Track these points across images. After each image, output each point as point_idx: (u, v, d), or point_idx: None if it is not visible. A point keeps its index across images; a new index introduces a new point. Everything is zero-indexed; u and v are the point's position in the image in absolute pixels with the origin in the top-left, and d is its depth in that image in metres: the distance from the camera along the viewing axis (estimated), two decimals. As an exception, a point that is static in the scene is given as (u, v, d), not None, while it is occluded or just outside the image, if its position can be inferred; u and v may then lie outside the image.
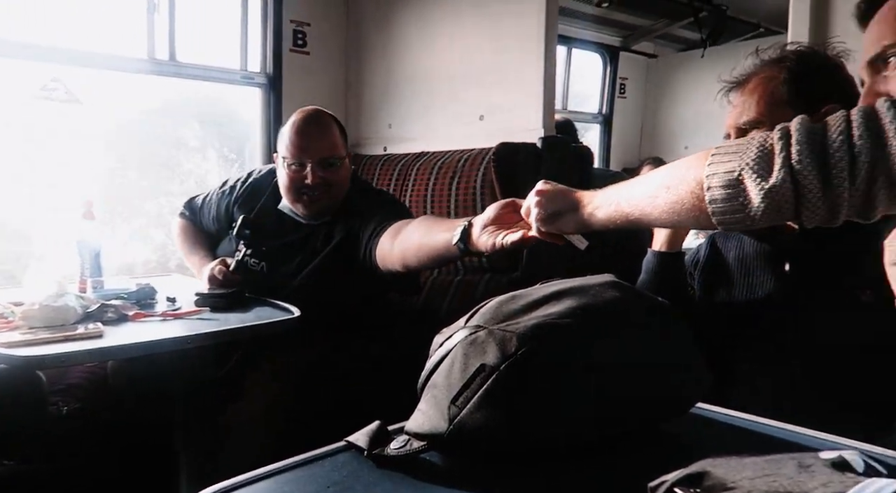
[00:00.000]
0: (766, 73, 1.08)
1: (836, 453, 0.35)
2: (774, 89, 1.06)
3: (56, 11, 2.09)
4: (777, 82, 1.06)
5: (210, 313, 1.49)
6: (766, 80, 1.07)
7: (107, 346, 1.21)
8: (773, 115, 1.04)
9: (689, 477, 0.36)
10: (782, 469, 0.33)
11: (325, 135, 1.65)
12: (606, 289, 0.68)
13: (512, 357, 0.59)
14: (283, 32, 2.47)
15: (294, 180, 1.65)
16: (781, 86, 1.05)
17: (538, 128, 1.93)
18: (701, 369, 0.70)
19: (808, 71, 1.06)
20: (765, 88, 1.07)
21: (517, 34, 2.03)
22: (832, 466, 0.33)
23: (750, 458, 0.36)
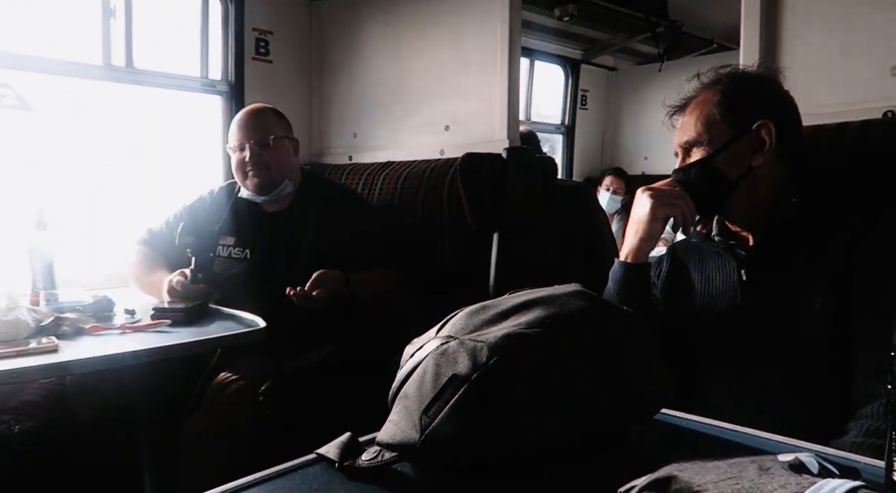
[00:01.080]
0: (702, 96, 1.16)
1: (792, 455, 0.36)
2: (710, 111, 1.13)
3: (8, 15, 2.03)
4: (712, 104, 1.14)
5: (172, 327, 1.46)
6: (703, 102, 1.15)
7: (62, 361, 1.17)
8: (709, 134, 1.13)
9: (657, 482, 0.37)
10: (744, 473, 0.34)
11: (259, 121, 1.87)
12: (573, 298, 0.70)
13: (483, 367, 0.59)
14: (246, 40, 2.45)
15: (239, 162, 1.86)
16: (715, 107, 1.13)
17: (503, 139, 1.95)
18: (664, 376, 0.72)
19: (740, 92, 1.13)
20: (701, 111, 1.14)
21: (481, 46, 2.06)
22: (790, 468, 0.35)
23: (713, 462, 0.37)
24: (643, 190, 1.16)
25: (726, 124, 1.11)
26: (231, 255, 1.86)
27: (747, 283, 1.11)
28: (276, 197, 1.88)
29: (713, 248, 1.19)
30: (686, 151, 1.18)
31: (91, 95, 2.25)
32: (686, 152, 1.18)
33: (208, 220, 1.90)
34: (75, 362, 1.19)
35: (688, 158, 1.17)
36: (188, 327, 1.49)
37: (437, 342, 0.65)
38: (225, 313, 1.63)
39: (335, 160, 2.54)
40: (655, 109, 4.09)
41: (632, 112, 4.19)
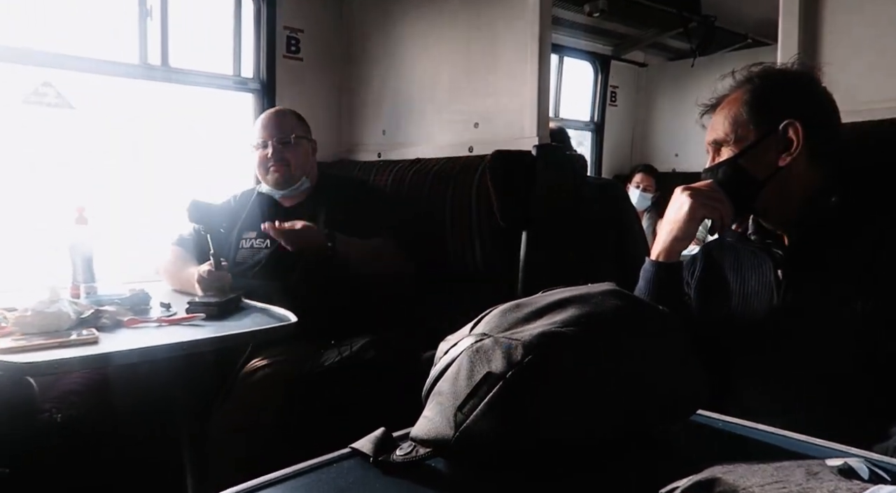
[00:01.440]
0: (733, 95, 1.15)
1: (841, 460, 0.36)
2: (738, 110, 1.12)
3: (48, 15, 2.08)
4: (740, 103, 1.13)
5: (206, 320, 1.49)
6: (732, 101, 1.14)
7: (102, 352, 1.20)
8: (736, 133, 1.12)
9: (700, 484, 0.37)
10: (791, 476, 0.34)
11: (280, 121, 2.01)
12: (608, 298, 0.69)
13: (518, 365, 0.59)
14: (277, 39, 2.48)
15: (261, 158, 2.00)
16: (743, 107, 1.12)
17: (533, 136, 1.94)
18: (700, 377, 0.71)
19: (769, 90, 1.12)
20: (730, 109, 1.14)
21: (511, 43, 2.05)
22: (839, 473, 0.34)
23: (758, 465, 0.37)
24: (682, 189, 1.15)
25: (753, 124, 1.10)
26: (253, 246, 2.00)
27: (784, 283, 1.09)
28: (294, 192, 2.02)
29: (749, 247, 1.17)
30: (716, 150, 1.17)
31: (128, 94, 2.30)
32: (716, 151, 1.17)
33: (233, 219, 2.05)
34: (114, 354, 1.23)
35: (717, 156, 1.16)
36: (221, 320, 1.52)
37: (472, 340, 0.65)
38: (257, 307, 1.66)
39: (364, 157, 2.56)
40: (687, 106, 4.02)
41: (663, 109, 4.13)
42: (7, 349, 1.17)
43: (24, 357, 1.14)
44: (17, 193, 2.09)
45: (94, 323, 1.40)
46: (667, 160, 4.07)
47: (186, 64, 2.31)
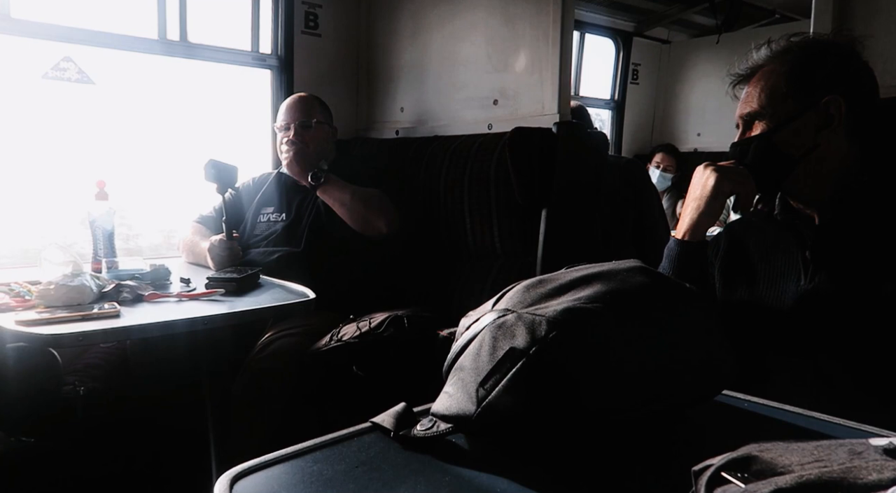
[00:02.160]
0: (770, 67, 1.10)
1: (886, 440, 0.34)
2: (776, 82, 1.07)
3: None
4: (778, 75, 1.08)
5: (224, 296, 1.50)
6: (769, 73, 1.09)
7: (124, 325, 1.22)
8: (773, 107, 1.07)
9: (736, 461, 0.36)
10: (833, 455, 0.33)
11: (302, 105, 2.13)
12: (634, 274, 0.68)
13: (541, 341, 0.58)
14: (295, 14, 2.45)
15: (283, 140, 2.09)
16: (782, 79, 1.07)
17: (553, 113, 1.91)
18: (728, 352, 0.70)
19: (810, 63, 1.07)
20: (766, 81, 1.09)
21: (533, 17, 2.00)
22: (884, 452, 0.33)
23: (796, 444, 0.36)
24: (705, 165, 1.11)
25: (792, 98, 1.05)
26: (269, 219, 2.09)
27: (812, 264, 1.06)
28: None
29: (775, 227, 1.15)
30: (747, 124, 1.12)
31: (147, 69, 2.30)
32: (747, 125, 1.12)
33: (251, 196, 2.16)
34: (135, 328, 1.24)
35: (749, 131, 1.12)
36: (240, 296, 1.53)
37: (494, 315, 0.64)
38: (275, 283, 1.67)
39: (382, 134, 2.54)
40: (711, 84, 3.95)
41: (685, 87, 4.04)
42: (31, 321, 1.19)
43: (48, 329, 1.16)
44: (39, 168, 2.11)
45: (116, 297, 1.42)
46: (689, 140, 4.00)
47: (205, 39, 2.29)
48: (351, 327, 1.72)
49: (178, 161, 2.48)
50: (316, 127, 2.12)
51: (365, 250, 1.99)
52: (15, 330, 1.16)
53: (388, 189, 2.05)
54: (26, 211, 2.11)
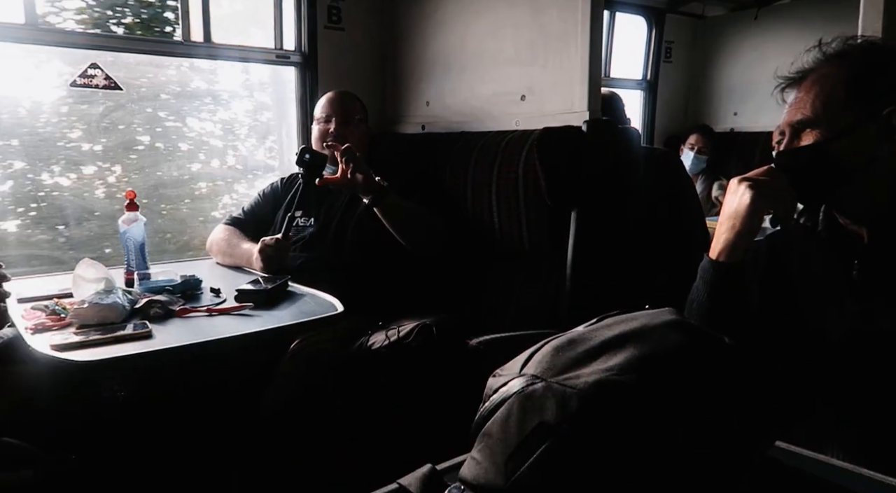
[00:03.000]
0: (824, 71, 1.02)
1: None
2: (833, 89, 0.99)
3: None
4: (836, 81, 0.99)
5: (253, 309, 1.51)
6: (825, 78, 1.01)
7: (155, 349, 1.24)
8: (830, 115, 0.99)
9: None
10: None
11: (345, 101, 2.14)
12: (669, 332, 0.64)
13: (572, 418, 0.56)
14: (318, 9, 2.41)
15: (321, 132, 2.10)
16: (840, 85, 0.99)
17: (583, 110, 1.85)
18: (772, 414, 0.67)
19: (871, 70, 0.99)
20: (822, 87, 1.01)
21: (560, 10, 1.93)
22: None
23: None
24: (740, 180, 1.05)
25: (852, 106, 0.98)
26: (298, 224, 2.06)
27: (860, 285, 1.01)
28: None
29: (819, 244, 1.09)
30: (796, 132, 1.04)
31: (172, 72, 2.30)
32: (796, 133, 1.04)
33: (279, 201, 2.14)
34: (168, 350, 1.25)
35: (797, 140, 1.04)
36: (270, 308, 1.54)
37: (522, 382, 0.61)
38: (304, 292, 1.68)
39: (408, 129, 2.50)
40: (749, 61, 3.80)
41: (722, 64, 3.88)
42: (65, 346, 1.21)
43: (81, 355, 1.18)
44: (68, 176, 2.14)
45: (147, 313, 1.44)
46: (725, 119, 3.86)
47: (228, 39, 2.28)
48: (380, 336, 1.72)
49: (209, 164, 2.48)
50: (358, 125, 2.12)
51: (402, 260, 1.96)
52: (50, 355, 1.19)
53: (439, 206, 2.00)
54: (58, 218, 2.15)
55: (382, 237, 1.93)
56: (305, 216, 2.08)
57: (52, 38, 1.95)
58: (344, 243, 1.98)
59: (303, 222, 2.07)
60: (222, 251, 2.08)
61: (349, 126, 2.08)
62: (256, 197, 2.21)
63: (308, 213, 2.07)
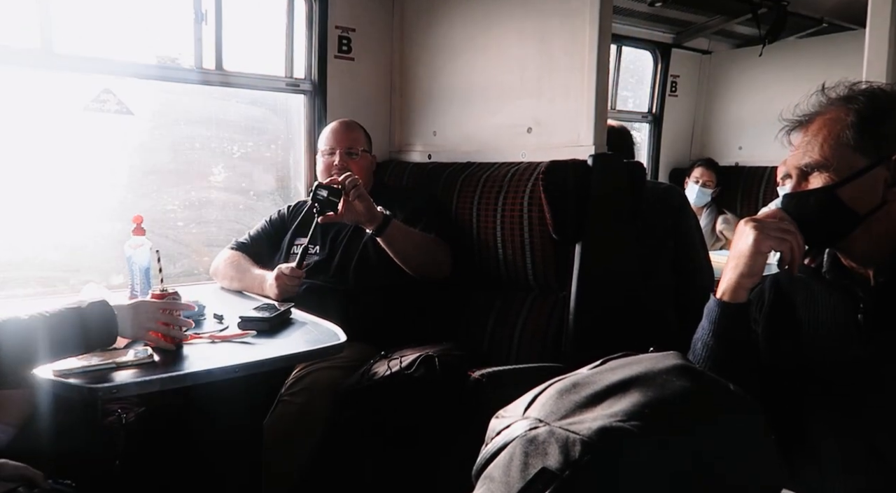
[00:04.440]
0: (831, 114, 1.02)
1: None
2: (840, 132, 1.00)
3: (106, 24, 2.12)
4: (843, 125, 1.00)
5: (256, 337, 1.50)
6: (832, 121, 1.01)
7: (157, 377, 1.23)
8: (837, 159, 0.99)
9: None
10: None
11: (349, 132, 2.14)
12: (674, 376, 0.64)
13: (575, 465, 0.55)
14: (329, 38, 2.45)
15: (326, 164, 2.11)
16: (848, 129, 0.99)
17: (589, 144, 1.86)
18: (776, 463, 0.66)
19: (878, 115, 0.99)
20: (829, 130, 1.01)
21: (567, 44, 1.96)
22: None
23: None
24: (746, 221, 1.05)
25: (860, 151, 0.98)
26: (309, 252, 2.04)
27: (865, 329, 1.01)
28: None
29: (825, 285, 1.09)
30: (803, 175, 1.04)
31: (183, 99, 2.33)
32: (803, 176, 1.04)
33: (285, 228, 2.15)
34: (170, 378, 1.25)
35: (804, 182, 1.05)
36: (272, 335, 1.54)
37: (526, 425, 0.61)
38: (307, 320, 1.68)
39: (415, 158, 2.53)
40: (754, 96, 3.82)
41: (726, 99, 3.92)
42: (67, 372, 1.21)
43: (84, 380, 1.17)
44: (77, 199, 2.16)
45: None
46: (730, 153, 3.88)
47: (240, 67, 2.32)
48: (381, 366, 1.71)
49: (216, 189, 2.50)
50: (362, 155, 2.13)
51: (406, 290, 1.97)
52: (52, 380, 1.18)
53: (443, 232, 2.01)
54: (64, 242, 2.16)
55: (386, 267, 1.94)
56: (310, 244, 2.08)
57: (67, 65, 1.98)
58: (348, 272, 1.99)
59: (311, 251, 2.07)
60: (229, 276, 2.08)
61: (352, 158, 2.10)
62: (263, 223, 2.21)
63: (314, 240, 2.07)
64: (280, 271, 1.88)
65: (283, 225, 2.17)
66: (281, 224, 2.18)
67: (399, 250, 1.90)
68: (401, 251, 1.90)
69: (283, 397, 1.73)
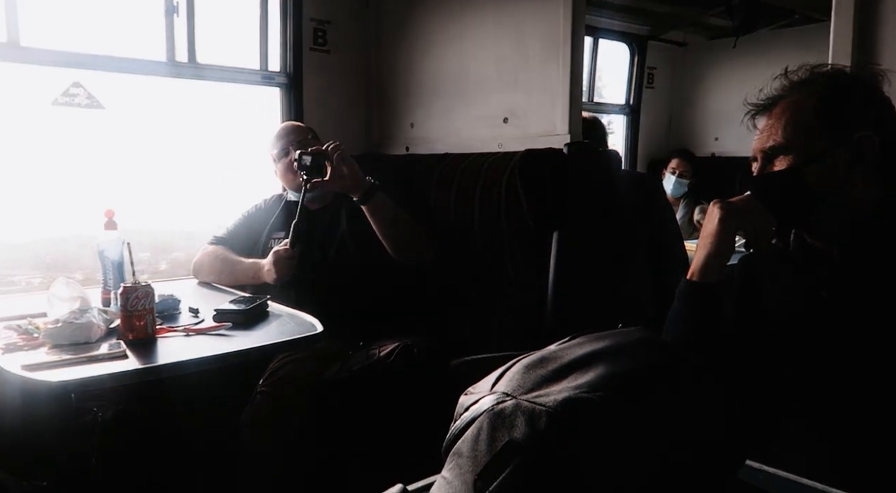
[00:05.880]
0: (793, 98, 1.05)
1: None
2: (803, 115, 1.02)
3: (76, 16, 2.08)
4: (806, 108, 1.02)
5: (232, 329, 1.49)
6: (794, 104, 1.04)
7: (131, 369, 1.22)
8: (801, 141, 1.02)
9: None
10: None
11: (299, 128, 2.11)
12: (639, 350, 0.65)
13: (541, 436, 0.56)
14: (304, 31, 2.44)
15: (286, 165, 2.04)
16: (810, 112, 1.02)
17: (564, 133, 1.87)
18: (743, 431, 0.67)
19: (839, 96, 1.02)
20: (792, 114, 1.03)
21: (542, 35, 1.97)
22: None
23: None
24: (714, 203, 1.07)
25: (822, 132, 1.00)
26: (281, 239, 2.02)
27: (829, 304, 1.03)
28: (324, 192, 2.01)
29: (790, 265, 1.11)
30: (768, 158, 1.06)
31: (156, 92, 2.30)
32: (768, 159, 1.06)
33: (262, 222, 2.11)
34: (143, 370, 1.24)
35: (770, 165, 1.07)
36: (249, 328, 1.53)
37: (493, 400, 0.61)
38: (284, 312, 1.66)
39: (393, 150, 2.52)
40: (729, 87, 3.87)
41: (702, 90, 3.96)
42: (36, 365, 1.19)
43: (53, 375, 1.16)
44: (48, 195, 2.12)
45: (124, 333, 1.41)
46: (706, 144, 3.93)
47: (213, 60, 2.29)
48: (360, 356, 1.71)
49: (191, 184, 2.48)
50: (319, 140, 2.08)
51: (384, 281, 1.95)
52: (21, 375, 1.16)
53: (423, 221, 2.00)
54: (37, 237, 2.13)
55: (365, 258, 1.93)
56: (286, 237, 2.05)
57: (35, 57, 1.95)
58: (325, 264, 1.98)
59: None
60: (217, 270, 2.04)
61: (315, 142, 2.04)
62: (241, 217, 2.18)
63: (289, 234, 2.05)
64: (277, 255, 1.85)
65: (259, 218, 2.15)
66: (258, 217, 2.16)
67: (384, 222, 1.88)
68: (385, 224, 1.88)
69: (261, 389, 1.72)
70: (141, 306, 1.37)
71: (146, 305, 1.38)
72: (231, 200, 2.36)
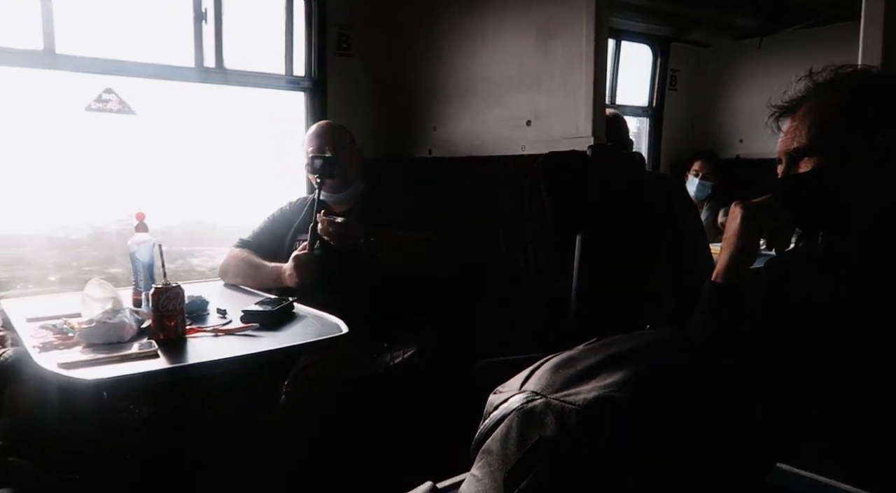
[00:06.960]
0: (818, 99, 1.04)
1: None
2: (827, 116, 1.01)
3: (108, 25, 2.14)
4: (830, 109, 1.01)
5: (259, 330, 1.52)
6: (819, 106, 1.03)
7: (162, 368, 1.24)
8: (826, 142, 1.01)
9: None
10: None
11: (334, 129, 2.17)
12: (667, 351, 0.65)
13: (571, 433, 0.56)
14: (328, 36, 2.47)
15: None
16: (834, 113, 1.01)
17: (588, 136, 1.87)
18: (769, 433, 0.67)
19: (864, 97, 1.01)
20: (816, 115, 1.02)
21: (565, 37, 1.97)
22: None
23: None
24: (736, 203, 1.07)
25: (846, 133, 0.99)
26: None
27: (855, 304, 1.01)
28: (349, 195, 2.13)
29: (817, 265, 1.09)
30: (793, 160, 1.06)
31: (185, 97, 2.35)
32: (793, 161, 1.06)
33: (288, 224, 2.16)
34: (174, 369, 1.26)
35: (794, 167, 1.06)
36: (275, 329, 1.55)
37: (522, 399, 0.62)
38: (310, 313, 1.69)
39: (416, 153, 2.54)
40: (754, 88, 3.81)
41: (726, 91, 3.91)
42: (72, 364, 1.22)
43: (88, 373, 1.18)
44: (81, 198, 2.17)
45: (155, 333, 1.44)
46: (730, 146, 3.88)
47: (240, 65, 2.33)
48: (384, 357, 1.72)
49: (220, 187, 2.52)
50: (349, 148, 2.14)
51: (409, 281, 1.98)
52: (57, 373, 1.20)
53: (441, 228, 2.03)
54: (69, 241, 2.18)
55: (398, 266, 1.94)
56: None
57: (70, 64, 2.00)
58: (349, 266, 1.99)
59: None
60: (243, 273, 2.08)
61: (340, 153, 2.09)
62: (266, 220, 2.22)
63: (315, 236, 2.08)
64: (298, 260, 1.90)
65: (285, 221, 2.18)
66: (283, 220, 2.19)
67: (395, 257, 1.95)
68: (399, 258, 1.95)
69: (287, 389, 1.74)
70: (172, 306, 1.40)
71: (177, 305, 1.40)
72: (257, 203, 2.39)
